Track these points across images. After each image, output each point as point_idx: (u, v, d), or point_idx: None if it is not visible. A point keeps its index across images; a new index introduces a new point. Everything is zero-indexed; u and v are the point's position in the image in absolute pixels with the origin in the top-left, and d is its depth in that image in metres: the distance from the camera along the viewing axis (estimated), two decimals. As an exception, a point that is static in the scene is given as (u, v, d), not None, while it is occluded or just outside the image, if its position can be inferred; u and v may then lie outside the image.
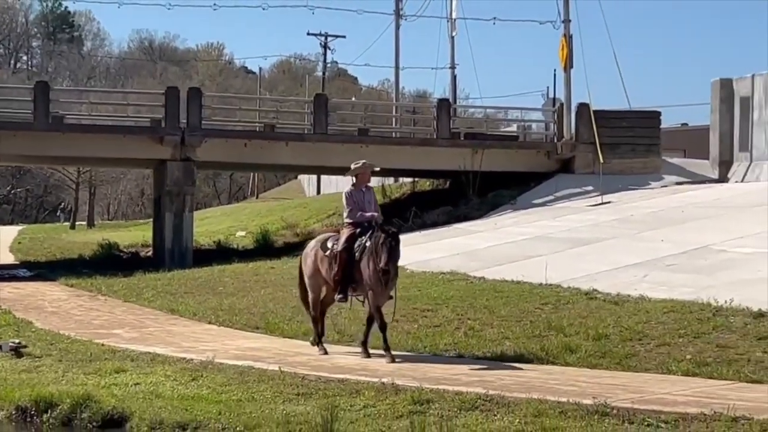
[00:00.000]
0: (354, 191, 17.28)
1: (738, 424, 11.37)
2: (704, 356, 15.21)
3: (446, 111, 44.27)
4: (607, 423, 11.77)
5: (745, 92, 40.11)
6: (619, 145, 42.05)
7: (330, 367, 15.95)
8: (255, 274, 29.30)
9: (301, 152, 42.01)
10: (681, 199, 34.07)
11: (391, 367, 15.74)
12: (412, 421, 11.77)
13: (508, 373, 15.11)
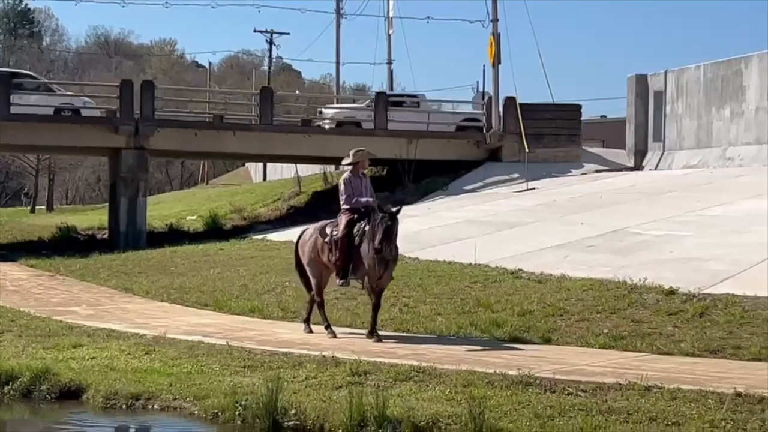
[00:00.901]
0: (352, 177, 16.72)
1: (650, 392, 11.48)
2: (620, 330, 15.32)
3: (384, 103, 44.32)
4: (530, 392, 11.83)
5: (658, 87, 40.45)
6: (543, 136, 42.31)
7: (275, 341, 15.93)
8: (205, 255, 29.18)
9: (248, 141, 41.99)
10: (600, 185, 34.31)
11: (332, 341, 15.74)
12: (350, 391, 11.77)
13: (439, 347, 15.17)
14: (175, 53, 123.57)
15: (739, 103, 35.91)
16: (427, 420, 10.93)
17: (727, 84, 36.63)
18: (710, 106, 37.38)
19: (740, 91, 35.93)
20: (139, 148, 38.18)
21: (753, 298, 15.68)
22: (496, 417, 10.72)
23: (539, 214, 29.18)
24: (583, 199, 30.84)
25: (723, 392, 11.25)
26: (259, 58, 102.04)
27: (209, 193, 64.51)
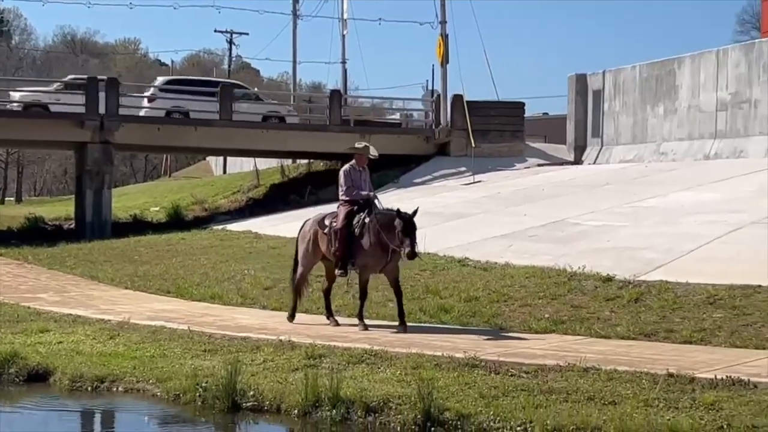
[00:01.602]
0: (352, 170, 16.20)
1: (588, 373, 11.56)
2: (560, 315, 15.41)
3: (338, 101, 44.41)
4: (476, 373, 11.88)
5: (597, 86, 40.69)
6: (489, 132, 42.41)
7: (234, 326, 15.88)
8: (167, 244, 29.04)
9: (208, 136, 41.76)
10: (542, 178, 34.43)
11: (288, 326, 15.73)
12: (306, 373, 11.76)
13: (391, 331, 15.19)
14: (139, 52, 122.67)
15: (672, 101, 36.19)
16: (378, 400, 10.95)
17: (661, 83, 36.90)
18: (645, 104, 37.65)
19: (673, 90, 36.21)
20: (104, 143, 37.90)
21: (684, 285, 15.81)
22: (443, 397, 10.75)
23: (485, 205, 29.26)
24: (526, 192, 30.95)
25: (656, 373, 11.34)
26: (220, 56, 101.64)
27: (172, 186, 64.14)
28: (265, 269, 21.77)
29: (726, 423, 9.53)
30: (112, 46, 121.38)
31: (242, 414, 11.43)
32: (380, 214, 15.42)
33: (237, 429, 11.21)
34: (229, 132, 41.61)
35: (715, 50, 34.98)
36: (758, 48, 33.33)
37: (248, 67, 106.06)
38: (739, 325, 13.85)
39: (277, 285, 19.89)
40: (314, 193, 40.86)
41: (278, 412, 11.33)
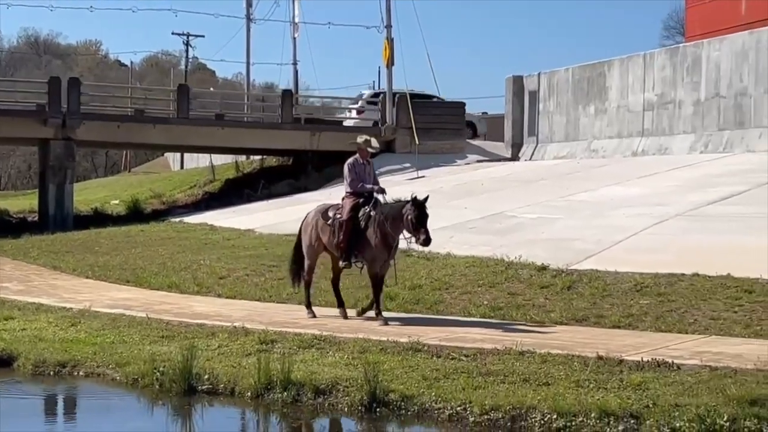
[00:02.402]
0: (356, 163, 15.43)
1: (524, 357, 11.62)
2: (498, 302, 15.46)
3: (289, 100, 44.47)
4: (419, 357, 11.90)
5: (532, 87, 40.89)
6: (432, 130, 42.52)
7: (190, 314, 15.80)
8: (127, 236, 28.82)
9: (166, 133, 41.68)
10: (481, 174, 34.55)
11: (242, 313, 15.63)
12: (259, 358, 11.72)
13: (339, 317, 15.18)
14: (100, 53, 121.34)
15: (603, 101, 36.44)
16: (327, 383, 10.95)
17: (592, 85, 37.15)
18: (577, 104, 37.89)
19: (603, 91, 36.47)
20: (66, 139, 37.80)
21: (613, 273, 15.93)
22: (388, 379, 10.77)
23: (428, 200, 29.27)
24: (466, 186, 31.04)
25: (587, 356, 11.42)
26: (177, 57, 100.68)
27: (131, 180, 63.69)
28: (220, 260, 21.67)
29: (652, 402, 9.61)
30: (74, 47, 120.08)
31: (198, 396, 11.38)
32: (385, 207, 14.67)
33: (193, 411, 11.15)
34: (185, 129, 41.54)
35: (642, 54, 35.30)
36: (682, 52, 33.65)
37: (204, 67, 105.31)
38: (663, 311, 13.98)
39: (231, 274, 19.81)
40: (267, 187, 40.81)
41: (232, 394, 11.29)
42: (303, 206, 32.20)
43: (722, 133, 31.12)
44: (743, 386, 9.75)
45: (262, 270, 19.92)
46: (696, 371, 10.59)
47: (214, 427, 10.75)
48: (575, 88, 38.14)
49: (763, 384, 9.85)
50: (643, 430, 9.23)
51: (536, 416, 9.66)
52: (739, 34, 31.73)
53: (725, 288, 14.64)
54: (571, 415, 9.52)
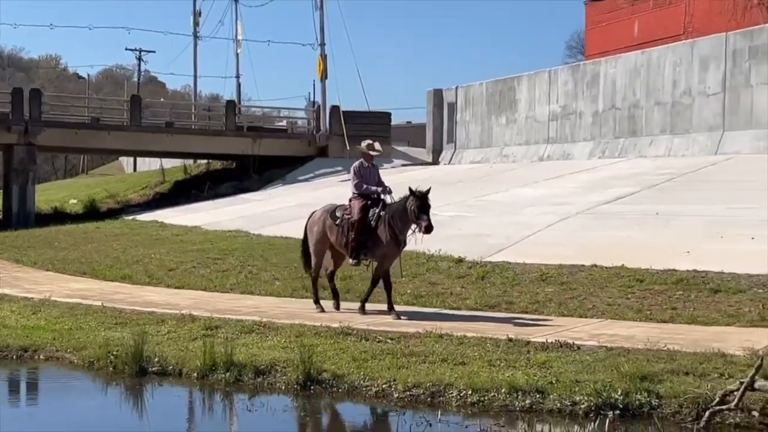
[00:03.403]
0: (362, 167, 14.55)
1: (443, 339, 11.64)
2: (420, 291, 15.50)
3: (233, 110, 44.45)
4: (349, 340, 11.88)
5: (450, 99, 41.12)
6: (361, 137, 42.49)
7: (141, 302, 15.61)
8: (84, 232, 28.45)
9: (120, 139, 41.38)
10: (405, 176, 34.55)
11: (189, 302, 15.48)
12: (204, 342, 11.62)
13: (277, 305, 15.11)
14: (60, 66, 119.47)
15: (513, 112, 36.75)
16: (266, 364, 10.89)
17: (503, 97, 37.45)
18: (491, 114, 38.17)
19: (514, 103, 36.78)
20: (28, 145, 37.57)
21: (522, 265, 16.05)
22: (321, 360, 10.74)
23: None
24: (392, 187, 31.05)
25: (498, 338, 11.48)
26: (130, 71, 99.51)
27: (88, 182, 62.82)
28: (169, 253, 21.47)
29: (555, 378, 9.70)
30: (35, 61, 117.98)
31: (148, 377, 11.25)
32: (393, 205, 13.90)
33: (144, 391, 11.02)
34: (138, 136, 41.29)
35: (548, 70, 35.66)
36: (582, 69, 34.05)
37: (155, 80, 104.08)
38: (565, 298, 14.12)
39: (179, 267, 19.63)
40: (212, 188, 40.60)
41: (180, 375, 11.17)
42: (245, 205, 32.10)
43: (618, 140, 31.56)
44: (635, 364, 9.88)
45: (207, 262, 19.77)
46: (594, 351, 10.70)
47: (163, 404, 10.64)
48: (489, 101, 38.43)
49: (653, 361, 10.00)
50: (547, 404, 9.30)
51: (453, 392, 9.69)
52: (632, 54, 32.22)
53: (619, 277, 14.83)
54: (484, 391, 9.57)
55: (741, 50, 26.83)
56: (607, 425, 8.66)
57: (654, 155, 28.88)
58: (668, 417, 8.86)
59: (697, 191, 21.25)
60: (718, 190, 20.96)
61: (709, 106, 27.85)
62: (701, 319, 12.54)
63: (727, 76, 27.26)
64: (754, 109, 26.35)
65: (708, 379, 9.41)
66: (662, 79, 29.68)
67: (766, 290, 13.44)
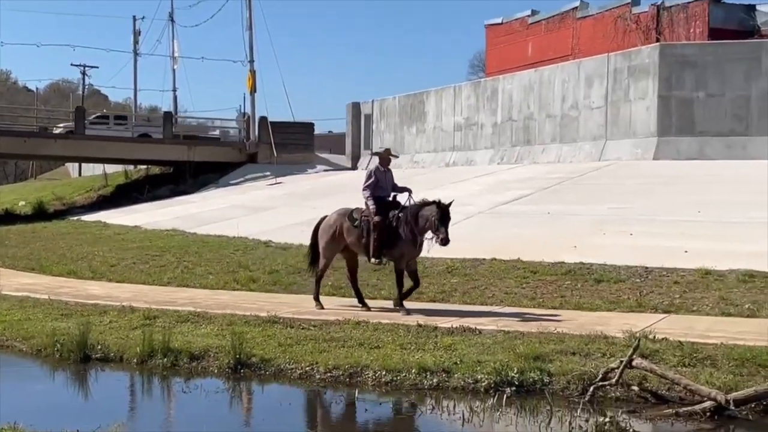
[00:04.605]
0: (377, 170, 13.50)
1: (360, 326, 11.63)
2: (340, 283, 15.42)
3: (170, 120, 44.06)
4: (276, 328, 11.79)
5: (367, 111, 41.19)
6: (287, 145, 42.55)
7: (86, 295, 15.28)
8: (33, 231, 27.81)
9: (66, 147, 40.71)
10: (327, 180, 34.63)
11: (129, 294, 15.21)
12: (143, 330, 11.44)
13: (210, 296, 14.95)
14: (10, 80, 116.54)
15: (422, 123, 36.95)
16: (200, 350, 10.75)
17: (414, 110, 37.63)
18: (403, 125, 38.31)
19: (423, 115, 36.98)
20: (-20, 152, 36.57)
21: (431, 258, 16.00)
22: (251, 346, 10.64)
23: (285, 200, 29.19)
24: (316, 190, 31.05)
25: (409, 324, 11.52)
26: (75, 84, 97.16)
27: (37, 186, 61.32)
28: (111, 251, 21.09)
29: (459, 359, 9.76)
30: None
31: (92, 363, 11.02)
32: (412, 207, 12.96)
33: (88, 375, 10.80)
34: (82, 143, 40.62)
35: (453, 86, 35.94)
36: (483, 85, 34.38)
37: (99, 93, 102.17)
38: (469, 288, 14.24)
39: (121, 263, 19.29)
40: (151, 191, 40.10)
41: (121, 361, 10.97)
42: (181, 206, 31.70)
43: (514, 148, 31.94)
44: (529, 345, 10.00)
45: (146, 259, 19.47)
46: (493, 335, 10.81)
47: (105, 387, 10.44)
48: (401, 113, 38.58)
49: (544, 343, 10.13)
50: (452, 382, 9.36)
51: (369, 373, 9.69)
52: (526, 72, 32.64)
53: (516, 269, 15.01)
54: (396, 372, 9.58)
55: (621, 69, 27.38)
56: (504, 400, 8.75)
57: (546, 161, 29.31)
58: (558, 392, 8.98)
59: (583, 193, 21.62)
60: (601, 192, 21.36)
61: (593, 119, 28.36)
62: (586, 305, 12.76)
63: (609, 91, 27.79)
64: (632, 120, 26.92)
65: (592, 358, 9.58)
66: (553, 95, 30.13)
67: (642, 280, 13.74)
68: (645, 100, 26.36)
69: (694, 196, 19.52)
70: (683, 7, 35.54)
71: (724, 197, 19.12)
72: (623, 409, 8.45)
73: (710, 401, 8.29)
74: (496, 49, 45.08)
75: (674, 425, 8.13)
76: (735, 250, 14.74)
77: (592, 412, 8.39)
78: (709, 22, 34.61)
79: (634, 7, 37.42)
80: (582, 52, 36.59)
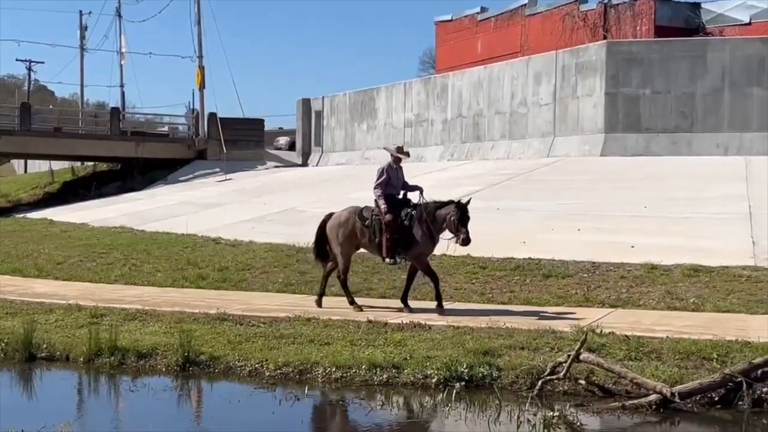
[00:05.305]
0: (389, 167, 12.94)
1: (310, 322, 11.63)
2: (290, 279, 15.43)
3: (117, 116, 43.64)
4: (225, 325, 11.72)
5: (318, 108, 41.08)
6: (237, 141, 42.28)
7: (31, 294, 15.02)
8: (-24, 229, 27.26)
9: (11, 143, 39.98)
10: (278, 177, 34.48)
11: (76, 293, 14.97)
12: (90, 329, 11.28)
13: (159, 294, 14.79)
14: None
15: (373, 119, 36.96)
16: (148, 348, 10.64)
17: (364, 106, 37.62)
18: (354, 121, 38.28)
19: (373, 111, 36.99)
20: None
21: (381, 255, 16.13)
22: (199, 344, 10.56)
23: (234, 197, 29.00)
24: (266, 187, 30.90)
25: (360, 320, 11.53)
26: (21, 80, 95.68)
27: (-20, 183, 60.26)
28: (57, 248, 20.76)
29: (409, 355, 9.79)
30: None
31: (38, 363, 10.84)
32: (428, 206, 12.53)
33: (33, 375, 10.62)
34: (28, 140, 40.02)
35: (403, 82, 35.99)
36: (433, 81, 34.50)
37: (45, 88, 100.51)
38: (419, 284, 14.21)
39: (67, 261, 19.00)
40: (99, 188, 39.61)
41: (67, 360, 10.81)
42: (129, 204, 31.33)
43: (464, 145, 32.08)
44: (478, 341, 10.06)
45: (93, 256, 19.21)
46: (443, 330, 10.86)
47: (51, 386, 10.28)
48: (352, 109, 38.55)
49: (493, 338, 10.20)
50: (402, 378, 9.38)
51: (319, 369, 9.67)
52: (476, 69, 32.81)
53: (465, 265, 15.09)
54: (346, 368, 9.58)
55: (569, 66, 27.65)
56: (454, 395, 8.79)
57: (495, 158, 29.49)
58: (507, 387, 9.05)
59: (532, 189, 21.79)
60: (549, 189, 21.55)
61: (542, 115, 28.60)
62: (535, 300, 12.87)
63: (557, 88, 28.05)
64: (579, 117, 27.20)
65: (541, 352, 9.67)
66: (502, 92, 30.32)
67: (590, 275, 13.90)
68: (592, 97, 26.64)
69: (640, 192, 19.79)
70: (630, 5, 35.99)
71: (670, 193, 19.40)
72: (571, 402, 8.54)
73: (656, 394, 8.41)
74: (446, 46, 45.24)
75: (621, 418, 8.23)
76: (680, 245, 14.98)
77: (540, 406, 8.46)
78: (656, 20, 35.12)
79: (582, 5, 37.81)
80: (531, 50, 36.86)
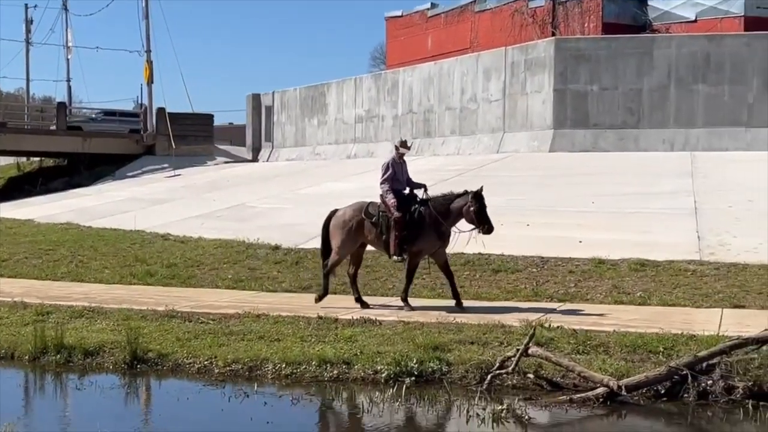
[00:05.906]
0: (394, 162, 12.65)
1: (260, 319, 11.55)
2: (240, 276, 15.35)
3: (63, 111, 42.93)
4: (174, 322, 11.62)
5: (268, 103, 40.89)
6: (186, 136, 41.87)
7: (-25, 292, 14.75)
8: None
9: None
10: (227, 172, 34.22)
11: (21, 290, 14.70)
12: (35, 327, 11.10)
13: (106, 291, 14.60)
14: None
15: (324, 115, 36.87)
16: (95, 346, 10.51)
17: (315, 102, 37.52)
18: (304, 117, 38.16)
19: (324, 107, 36.91)
20: None
21: (332, 251, 16.11)
22: (147, 341, 10.45)
23: (183, 193, 28.75)
24: (215, 182, 30.67)
25: (310, 317, 11.50)
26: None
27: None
28: (2, 245, 20.38)
29: (359, 351, 9.80)
30: None
31: (-20, 362, 10.67)
32: (436, 201, 12.30)
33: (-24, 374, 10.44)
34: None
35: (354, 78, 35.95)
36: (384, 77, 34.52)
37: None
38: (370, 279, 14.27)
39: (12, 258, 18.67)
40: (45, 184, 38.99)
41: (12, 358, 10.65)
42: (76, 200, 30.91)
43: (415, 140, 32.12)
44: (428, 336, 10.10)
45: (39, 253, 18.90)
46: (393, 326, 10.88)
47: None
48: (302, 104, 38.42)
49: (443, 333, 10.25)
50: (353, 373, 9.38)
51: (269, 366, 9.64)
52: (426, 64, 32.89)
53: (416, 260, 15.08)
54: (296, 364, 9.56)
55: (518, 62, 27.84)
56: (404, 390, 8.81)
57: (446, 153, 29.61)
58: (456, 381, 9.09)
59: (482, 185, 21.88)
60: (499, 184, 21.66)
61: (491, 111, 28.77)
62: (485, 295, 12.96)
63: (507, 84, 28.23)
64: (529, 113, 27.41)
65: (490, 347, 9.73)
66: (452, 87, 30.44)
67: (538, 269, 14.02)
68: (541, 94, 26.86)
69: (588, 187, 20.00)
70: (578, 2, 36.35)
71: (617, 188, 19.65)
72: (520, 396, 8.60)
73: (603, 387, 8.51)
74: (396, 41, 45.29)
75: (568, 411, 8.32)
76: (627, 240, 15.17)
77: (489, 400, 8.52)
78: (603, 17, 35.51)
79: (531, 2, 38.10)
80: (480, 46, 37.06)
